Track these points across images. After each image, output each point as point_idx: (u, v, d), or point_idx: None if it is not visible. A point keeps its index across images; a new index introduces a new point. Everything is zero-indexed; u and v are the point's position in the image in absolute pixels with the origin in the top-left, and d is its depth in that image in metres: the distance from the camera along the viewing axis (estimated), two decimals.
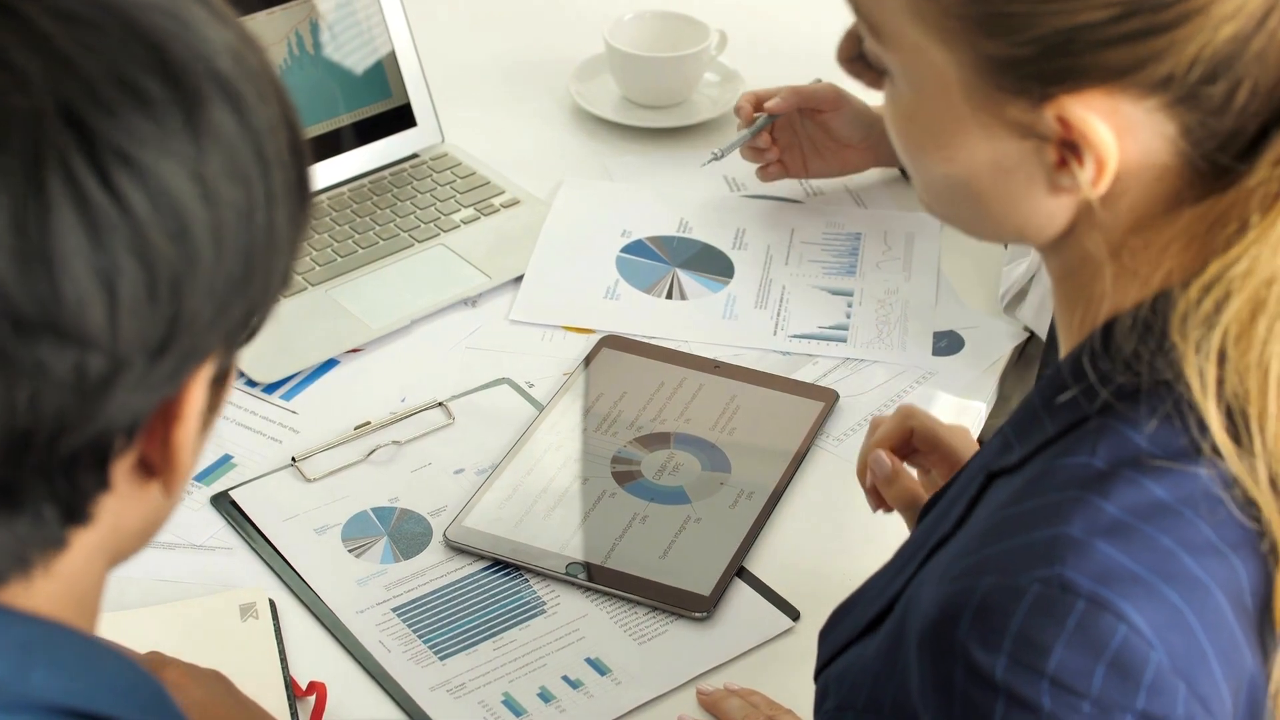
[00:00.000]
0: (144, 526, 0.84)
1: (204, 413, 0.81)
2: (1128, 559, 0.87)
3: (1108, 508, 0.89)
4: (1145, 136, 0.90)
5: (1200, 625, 0.88)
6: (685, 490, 1.57)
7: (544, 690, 1.40)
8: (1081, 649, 0.86)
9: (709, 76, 2.12)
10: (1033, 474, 0.94)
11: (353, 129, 1.93)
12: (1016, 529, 0.90)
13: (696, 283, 1.84)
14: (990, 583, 0.89)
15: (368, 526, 1.54)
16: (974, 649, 0.88)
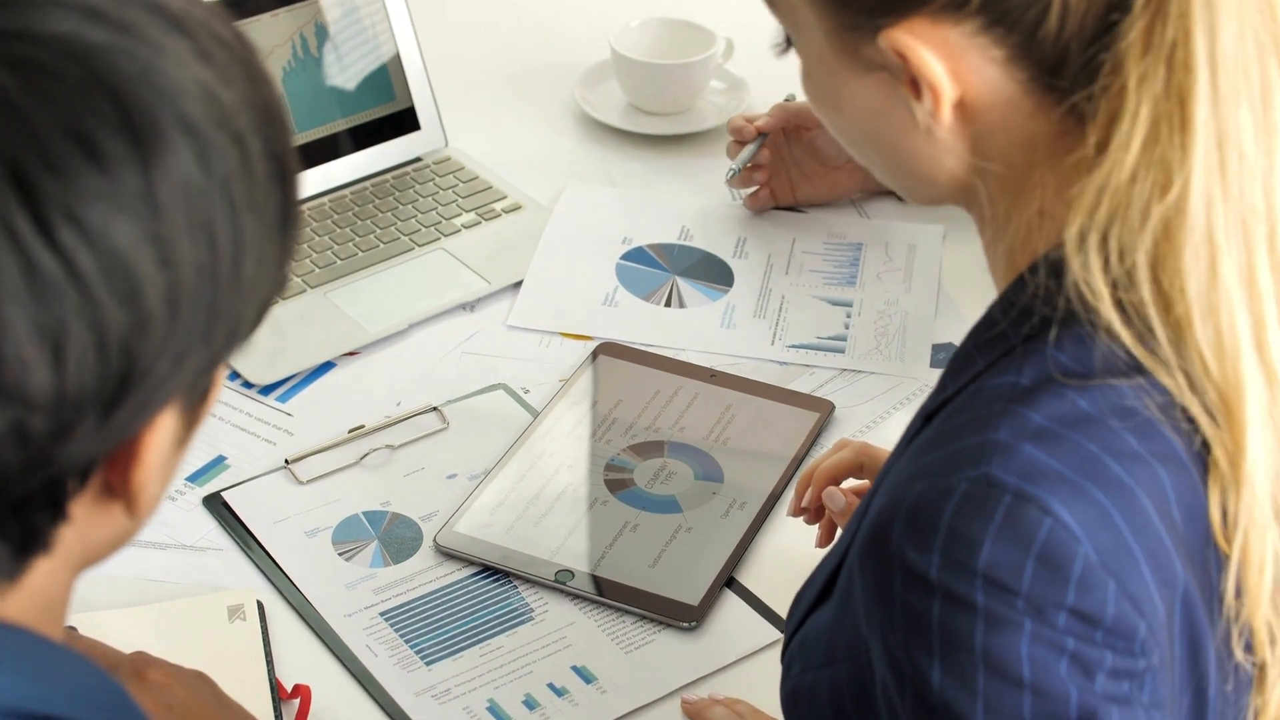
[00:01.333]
0: (114, 539, 0.84)
1: (172, 444, 0.80)
2: (1053, 460, 0.90)
3: (1034, 417, 0.91)
4: (978, 64, 0.93)
5: (1127, 525, 0.90)
6: (677, 499, 1.56)
7: (529, 698, 1.39)
8: (1010, 543, 0.88)
9: (715, 84, 2.11)
10: (964, 397, 0.96)
11: (356, 132, 1.93)
12: (947, 440, 0.93)
13: (696, 291, 1.83)
14: (921, 487, 0.91)
15: (358, 530, 1.54)
16: (908, 551, 0.91)
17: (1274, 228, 0.91)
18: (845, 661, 1.02)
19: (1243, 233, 0.90)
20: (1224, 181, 0.89)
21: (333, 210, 1.89)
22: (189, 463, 1.60)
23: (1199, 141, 0.89)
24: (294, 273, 1.80)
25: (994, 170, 0.97)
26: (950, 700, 0.91)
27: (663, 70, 2.05)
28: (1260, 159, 0.90)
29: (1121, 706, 0.91)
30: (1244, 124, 0.89)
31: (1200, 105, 0.88)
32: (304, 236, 1.85)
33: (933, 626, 0.91)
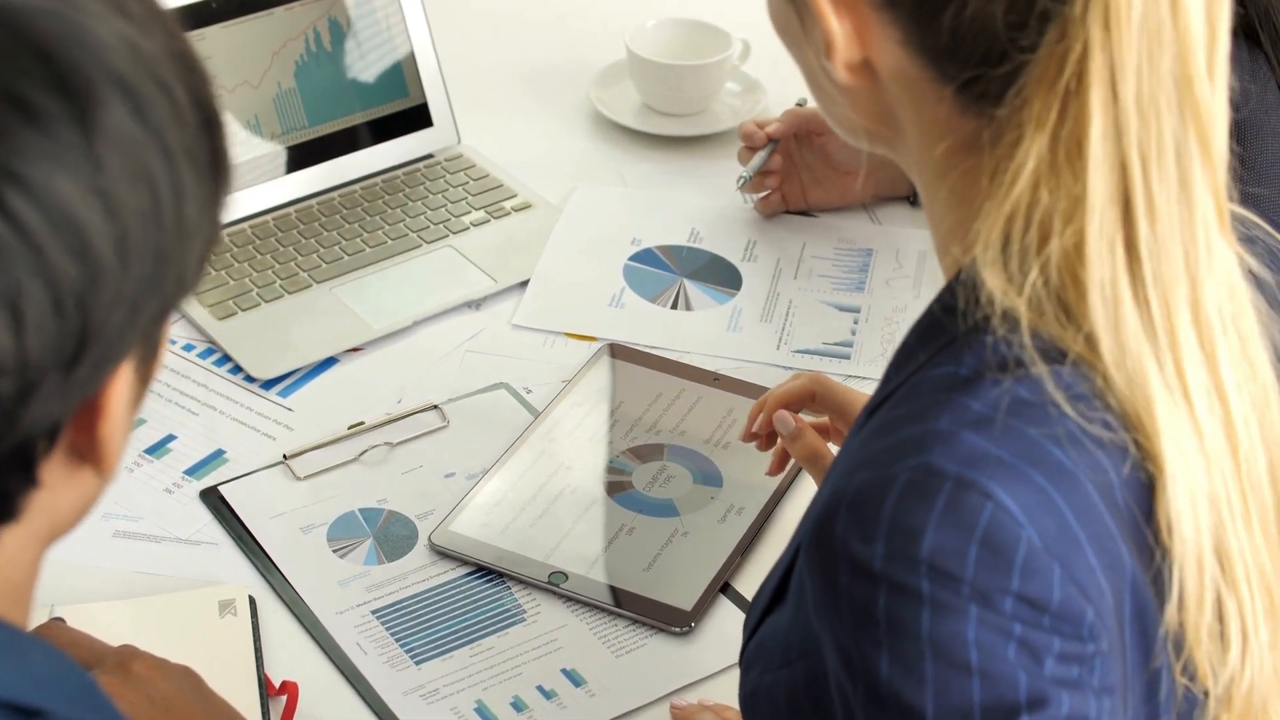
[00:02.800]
0: (80, 507, 0.84)
1: (130, 399, 0.81)
2: (993, 446, 0.89)
3: (973, 405, 0.91)
4: (881, 37, 0.95)
5: (1070, 510, 0.90)
6: (675, 503, 1.55)
7: (517, 699, 1.39)
8: (952, 529, 0.88)
9: (731, 86, 2.10)
10: (906, 389, 0.96)
11: (368, 127, 1.93)
12: (888, 431, 0.93)
13: (703, 294, 1.82)
14: (863, 478, 0.91)
15: (354, 527, 1.54)
16: (852, 542, 0.90)
17: (1196, 287, 0.91)
18: (800, 660, 1.02)
19: (1159, 294, 0.90)
20: (1130, 237, 0.89)
21: (342, 205, 1.89)
22: (188, 456, 1.60)
23: (1094, 192, 0.89)
24: (300, 267, 1.80)
25: (913, 145, 0.99)
26: (900, 689, 0.90)
27: (678, 71, 2.04)
28: (1174, 221, 0.89)
29: (1071, 690, 0.90)
30: (1153, 180, 0.89)
31: (1094, 151, 0.88)
32: (312, 231, 1.85)
33: (879, 617, 0.90)
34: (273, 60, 1.87)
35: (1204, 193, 0.90)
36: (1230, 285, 0.93)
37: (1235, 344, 0.93)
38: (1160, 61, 0.87)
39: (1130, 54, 0.87)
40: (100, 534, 1.52)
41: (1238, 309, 0.93)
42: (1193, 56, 0.87)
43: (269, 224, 1.86)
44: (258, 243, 1.83)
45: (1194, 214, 0.90)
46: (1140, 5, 0.86)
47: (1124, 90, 0.87)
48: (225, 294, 1.77)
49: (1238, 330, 0.93)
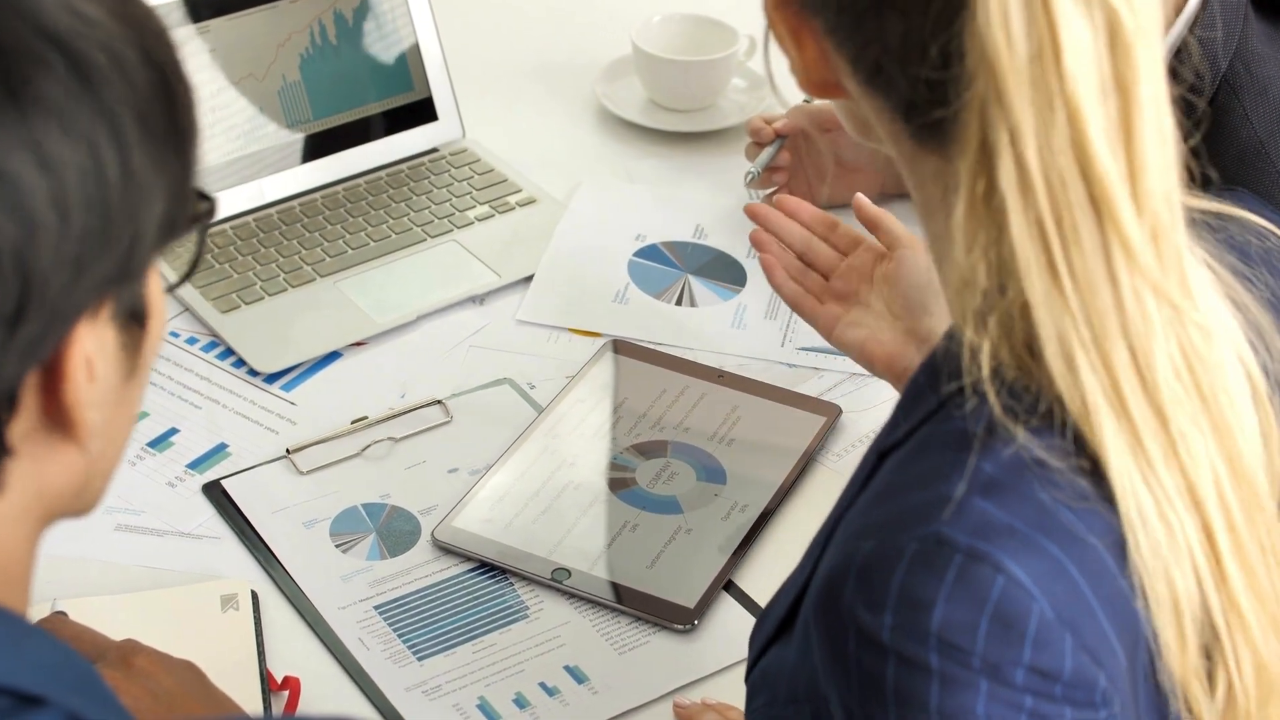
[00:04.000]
0: (74, 485, 0.83)
1: (116, 370, 0.80)
2: (1004, 513, 0.88)
3: (984, 466, 0.89)
4: (836, 61, 0.95)
5: (1082, 576, 0.88)
6: (678, 500, 1.55)
7: (520, 696, 1.38)
8: (963, 603, 0.87)
9: (736, 82, 2.10)
10: (916, 443, 0.95)
11: (373, 120, 1.92)
12: (898, 494, 0.92)
13: (708, 290, 1.82)
14: (871, 546, 0.90)
15: (357, 522, 1.53)
16: (860, 612, 0.89)
17: (1138, 352, 0.88)
18: (806, 703, 1.00)
19: (1100, 356, 0.88)
20: (1064, 302, 0.87)
21: (346, 199, 1.89)
22: (190, 450, 1.60)
23: (1022, 258, 0.87)
24: (304, 261, 1.80)
25: (899, 163, 0.98)
26: None
27: (684, 67, 2.04)
28: (1101, 287, 0.87)
29: None
30: (1070, 245, 0.86)
31: (1013, 218, 0.86)
32: (316, 225, 1.85)
33: (888, 688, 0.89)
34: (278, 53, 1.86)
35: (1124, 269, 0.87)
36: (1188, 354, 0.90)
37: (1194, 402, 0.90)
38: (1055, 132, 0.85)
39: (1026, 121, 0.85)
40: (102, 527, 1.52)
41: (1200, 377, 0.90)
42: (1086, 129, 0.85)
43: (273, 217, 1.85)
44: (261, 236, 1.83)
45: (1117, 280, 0.87)
46: (1026, 75, 0.84)
47: (1027, 156, 0.85)
48: (228, 287, 1.77)
49: (1198, 386, 0.90)
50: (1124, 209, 0.86)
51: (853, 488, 1.01)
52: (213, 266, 1.79)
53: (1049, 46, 0.84)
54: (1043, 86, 0.84)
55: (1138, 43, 0.85)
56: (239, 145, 1.84)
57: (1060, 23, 0.83)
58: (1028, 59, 0.84)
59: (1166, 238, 0.88)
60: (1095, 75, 0.85)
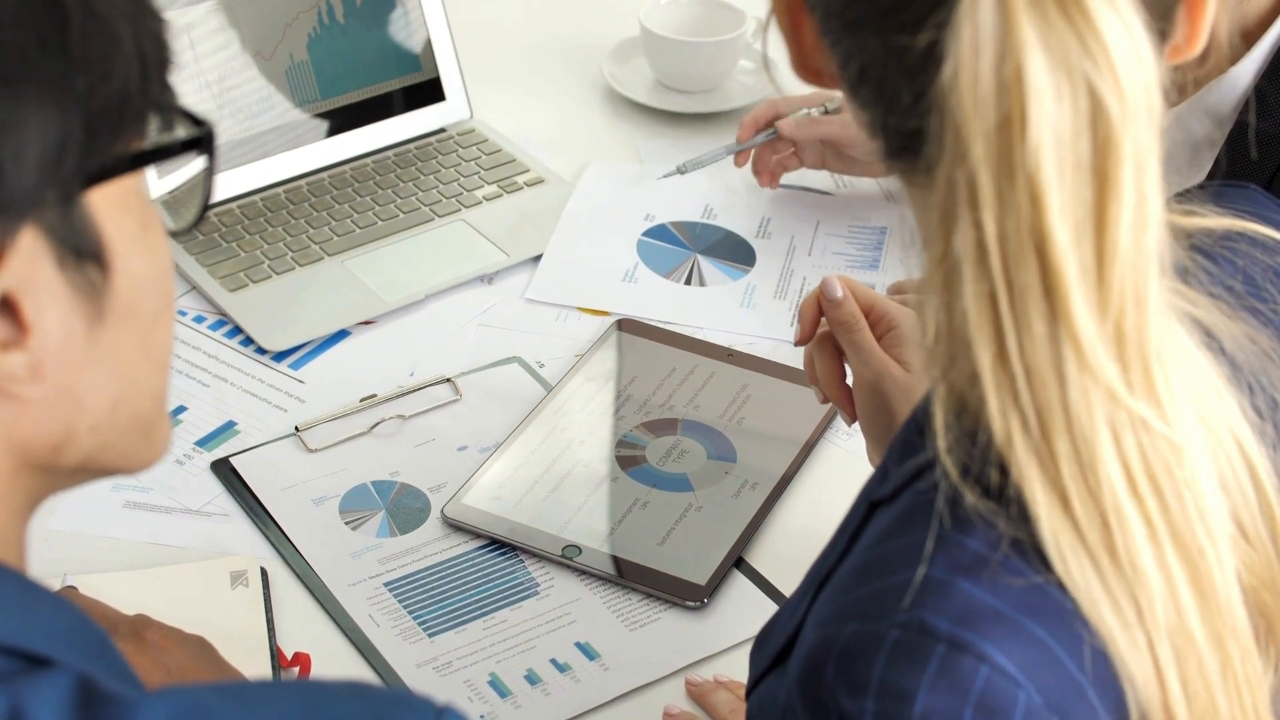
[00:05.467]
0: (49, 437, 0.80)
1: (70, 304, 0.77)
2: (990, 596, 0.84)
3: (970, 544, 0.85)
4: (826, 54, 0.91)
5: (1071, 658, 0.84)
6: (689, 478, 1.55)
7: (531, 672, 1.38)
8: (946, 693, 0.83)
9: (744, 63, 2.10)
10: (903, 507, 0.90)
11: (381, 100, 1.92)
12: (880, 571, 0.87)
13: (717, 270, 1.82)
14: (852, 630, 0.86)
15: (366, 499, 1.53)
16: (841, 697, 0.85)
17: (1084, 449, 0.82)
18: None
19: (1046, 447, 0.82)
20: (1010, 382, 0.82)
21: (354, 179, 1.88)
22: (198, 427, 1.59)
23: (972, 324, 0.81)
24: (312, 240, 1.79)
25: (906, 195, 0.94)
26: None
27: (692, 48, 2.03)
28: (1048, 375, 0.81)
29: None
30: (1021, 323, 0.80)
31: (967, 283, 0.80)
32: (324, 204, 1.84)
33: None
34: (285, 33, 1.86)
35: (1070, 358, 0.80)
36: (1148, 457, 0.83)
37: (1152, 516, 0.84)
38: (1012, 207, 0.79)
39: (985, 189, 0.79)
40: (111, 504, 1.51)
41: (1163, 476, 0.84)
42: (1047, 206, 0.78)
43: (280, 196, 1.85)
44: (269, 215, 1.82)
45: (1065, 378, 0.81)
46: (994, 142, 0.78)
47: (985, 225, 0.79)
48: (236, 266, 1.76)
49: (1160, 499, 0.84)
50: (1078, 306, 0.80)
51: (842, 536, 0.96)
52: (220, 245, 1.78)
53: (1017, 118, 0.77)
54: (1006, 158, 0.78)
55: (1125, 130, 0.78)
56: (246, 125, 1.83)
57: (1030, 97, 0.77)
58: (994, 125, 0.78)
59: (1133, 338, 0.81)
60: (1069, 157, 0.78)
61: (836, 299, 1.30)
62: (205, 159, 0.85)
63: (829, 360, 1.32)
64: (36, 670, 0.74)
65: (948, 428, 0.84)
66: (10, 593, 0.77)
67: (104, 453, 0.84)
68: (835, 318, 1.30)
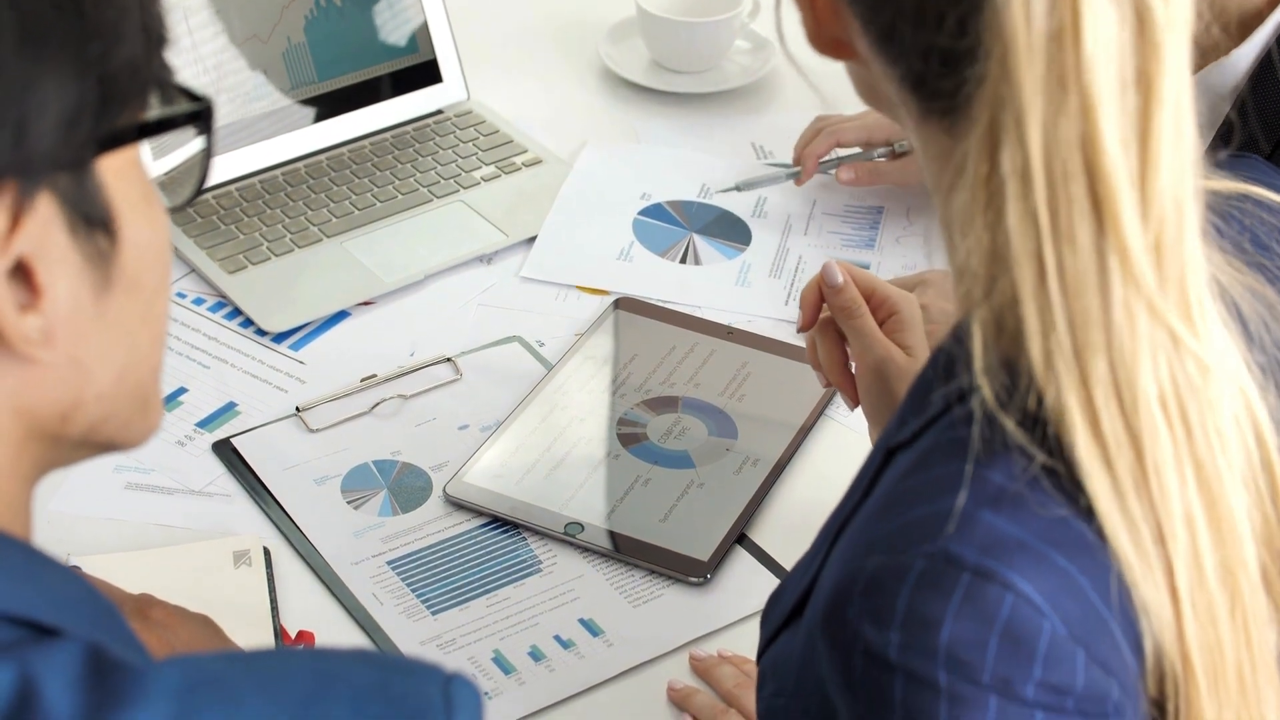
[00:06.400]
0: (57, 406, 0.79)
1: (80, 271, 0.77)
2: (1013, 526, 0.85)
3: (992, 477, 0.86)
4: (847, 19, 0.92)
5: (1094, 589, 0.85)
6: (690, 455, 1.55)
7: (535, 649, 1.38)
8: (971, 621, 0.84)
9: (740, 44, 2.10)
10: (925, 446, 0.91)
11: (378, 82, 1.92)
12: (904, 506, 0.88)
13: (712, 248, 1.82)
14: (877, 562, 0.87)
15: (368, 479, 1.53)
16: (866, 629, 0.86)
17: (1117, 368, 0.84)
18: (815, 695, 0.97)
19: (1078, 366, 0.84)
20: (1044, 301, 0.83)
21: (351, 160, 1.88)
22: (199, 408, 1.59)
23: (1016, 247, 0.83)
24: (311, 221, 1.80)
25: (912, 136, 0.95)
26: None
27: (688, 28, 2.03)
28: (1090, 294, 0.83)
29: None
30: (1064, 244, 0.82)
31: (1010, 204, 0.82)
32: (322, 186, 1.84)
33: (895, 704, 0.86)
34: (282, 15, 1.86)
35: (1118, 279, 0.82)
36: (1179, 383, 0.85)
37: (1178, 437, 0.85)
38: (1064, 121, 0.81)
39: (1034, 105, 0.81)
40: (113, 486, 1.52)
41: (1189, 397, 0.85)
42: (1098, 121, 0.80)
43: (278, 178, 1.85)
44: (267, 197, 1.82)
45: (1109, 290, 0.83)
46: (1042, 55, 0.80)
47: (1032, 143, 0.81)
48: (235, 248, 1.76)
49: (1185, 420, 0.85)
50: (1127, 213, 0.81)
51: (860, 484, 0.98)
52: (218, 228, 1.78)
53: (1070, 28, 0.79)
54: (1057, 70, 0.80)
55: (1167, 36, 0.80)
56: (244, 108, 1.83)
57: (1084, 7, 0.79)
58: (1045, 38, 0.80)
59: (1171, 252, 0.83)
60: (1116, 65, 0.80)
61: (837, 285, 1.30)
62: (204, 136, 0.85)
63: (831, 346, 1.32)
64: (45, 640, 0.74)
65: (985, 353, 0.85)
66: (18, 563, 0.77)
67: (107, 424, 0.84)
68: (837, 304, 1.30)
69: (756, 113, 2.03)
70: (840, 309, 1.30)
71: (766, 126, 1.98)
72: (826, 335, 1.33)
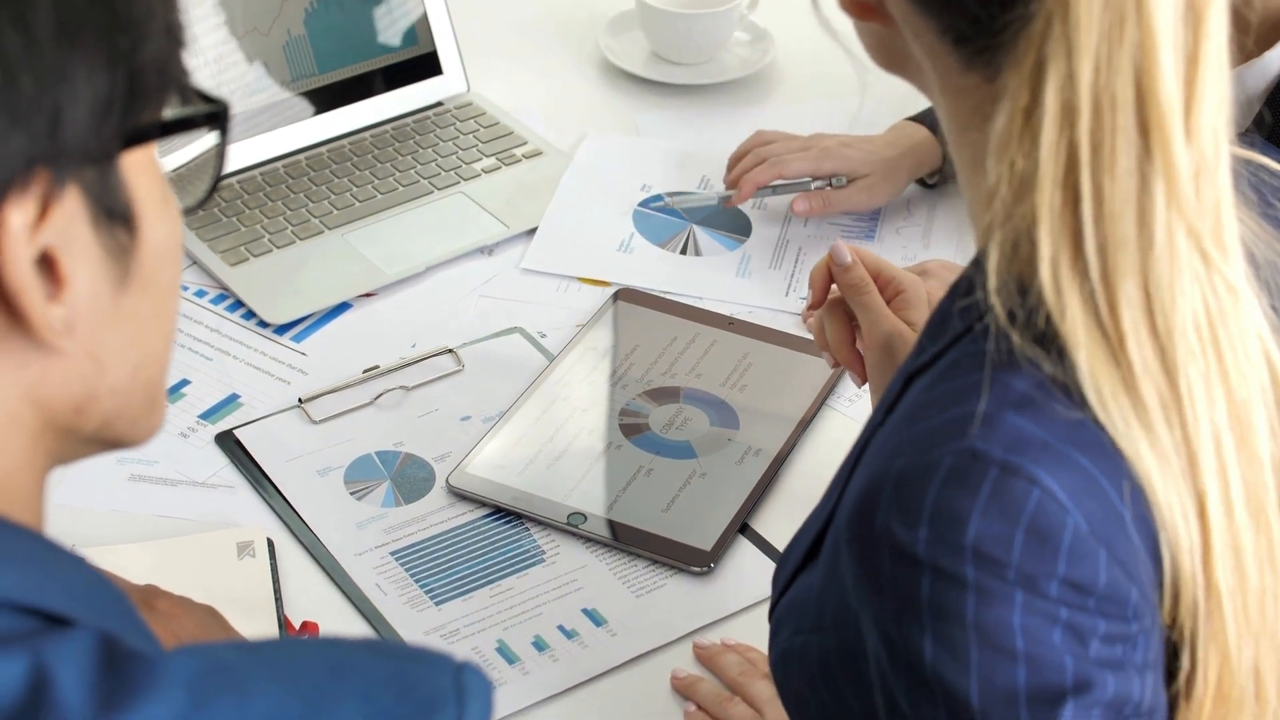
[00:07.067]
0: (71, 398, 0.79)
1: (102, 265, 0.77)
2: (1037, 428, 0.87)
3: (1016, 383, 0.89)
4: None
5: (1114, 491, 0.88)
6: (692, 445, 1.55)
7: (538, 639, 1.39)
8: (998, 516, 0.87)
9: (739, 35, 2.10)
10: (946, 363, 0.94)
11: (378, 75, 1.92)
12: (928, 412, 0.91)
13: (712, 240, 1.82)
14: (904, 462, 0.89)
15: (371, 470, 1.53)
16: (895, 527, 0.89)
17: (1153, 297, 0.86)
18: (834, 629, 1.00)
19: (1105, 291, 0.87)
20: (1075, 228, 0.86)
21: (353, 152, 1.88)
22: (202, 400, 1.60)
23: (1043, 174, 0.86)
24: (312, 214, 1.80)
25: (936, 96, 0.97)
26: (944, 674, 0.89)
27: (688, 20, 2.04)
28: (1128, 225, 0.86)
29: (1115, 671, 0.89)
30: (1103, 174, 0.85)
31: (1046, 132, 0.86)
32: (323, 179, 1.85)
33: (923, 602, 0.89)
34: (282, 8, 1.86)
35: (1162, 202, 0.85)
36: (1211, 311, 0.88)
37: (1209, 362, 0.88)
38: (1119, 52, 0.84)
39: (1088, 39, 0.83)
40: (116, 478, 1.52)
41: (1219, 336, 0.88)
42: (1156, 52, 0.83)
43: (279, 171, 1.85)
44: (269, 189, 1.83)
45: (1149, 215, 0.85)
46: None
47: (1081, 74, 0.84)
48: (237, 240, 1.77)
49: (1216, 345, 0.88)
50: (1177, 140, 0.84)
51: (879, 411, 1.00)
52: (220, 220, 1.79)
53: None
54: (1117, 6, 0.83)
55: None
56: (244, 100, 1.83)
57: None
58: None
59: (1209, 178, 0.86)
60: (1172, 7, 0.83)
61: (846, 263, 1.32)
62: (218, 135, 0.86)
63: (839, 324, 1.34)
64: (58, 629, 0.75)
65: (999, 272, 0.88)
66: (31, 552, 0.78)
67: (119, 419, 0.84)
68: (845, 281, 1.32)
69: (756, 104, 2.04)
70: (849, 286, 1.32)
71: (766, 118, 1.98)
72: (835, 314, 1.35)
